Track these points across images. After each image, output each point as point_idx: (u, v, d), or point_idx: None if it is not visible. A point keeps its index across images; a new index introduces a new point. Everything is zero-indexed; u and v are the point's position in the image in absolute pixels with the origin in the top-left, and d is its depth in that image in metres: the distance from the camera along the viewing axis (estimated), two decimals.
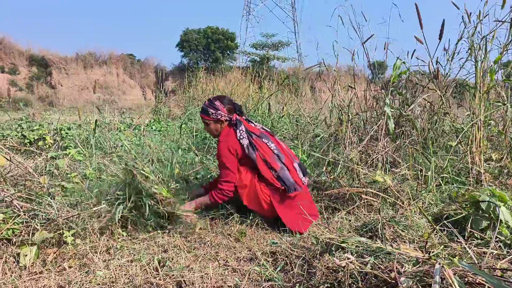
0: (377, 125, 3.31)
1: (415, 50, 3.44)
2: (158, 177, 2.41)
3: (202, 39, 24.20)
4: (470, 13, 3.25)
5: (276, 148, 2.60)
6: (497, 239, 1.98)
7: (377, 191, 2.69)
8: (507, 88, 3.58)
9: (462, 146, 3.43)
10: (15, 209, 2.07)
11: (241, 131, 2.53)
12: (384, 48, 3.47)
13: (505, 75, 3.45)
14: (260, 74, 7.55)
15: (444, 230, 2.12)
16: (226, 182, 2.48)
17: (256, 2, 33.29)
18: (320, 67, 4.02)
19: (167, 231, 2.35)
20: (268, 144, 2.58)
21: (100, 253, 2.03)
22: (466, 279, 1.37)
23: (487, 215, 2.11)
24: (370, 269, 1.57)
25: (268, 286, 1.77)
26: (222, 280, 1.84)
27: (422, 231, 2.16)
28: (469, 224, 2.11)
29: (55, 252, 2.00)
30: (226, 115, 2.57)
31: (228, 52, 25.31)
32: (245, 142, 2.50)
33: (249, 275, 1.87)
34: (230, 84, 8.61)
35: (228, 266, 1.99)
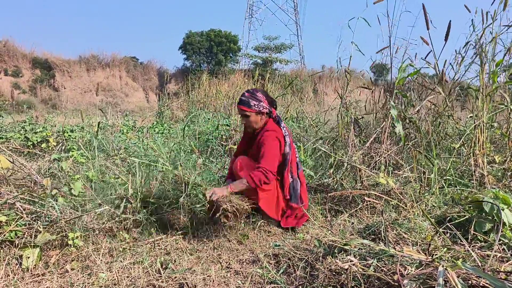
0: (381, 127, 3.30)
1: (430, 51, 3.36)
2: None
3: (205, 41, 24.24)
4: (487, 12, 3.21)
5: (298, 156, 2.62)
6: (501, 241, 1.97)
7: (380, 193, 2.68)
8: (510, 90, 3.56)
9: (465, 149, 3.41)
10: (18, 211, 2.07)
11: (285, 128, 2.52)
12: (396, 51, 3.45)
13: (508, 77, 3.43)
14: (264, 76, 7.55)
15: (447, 232, 2.11)
16: (267, 170, 2.30)
17: (259, 5, 33.23)
18: (323, 71, 4.03)
19: (179, 233, 2.35)
20: (296, 149, 2.61)
21: (102, 255, 2.03)
22: (470, 281, 1.37)
23: (490, 217, 2.10)
24: (373, 271, 1.57)
25: None
26: (224, 282, 1.84)
27: (425, 234, 2.15)
28: (472, 227, 2.10)
29: (57, 254, 2.00)
30: (268, 107, 2.47)
31: (230, 54, 25.34)
32: (288, 140, 2.49)
33: (251, 277, 1.87)
34: (233, 87, 8.62)
35: (231, 268, 1.98)
